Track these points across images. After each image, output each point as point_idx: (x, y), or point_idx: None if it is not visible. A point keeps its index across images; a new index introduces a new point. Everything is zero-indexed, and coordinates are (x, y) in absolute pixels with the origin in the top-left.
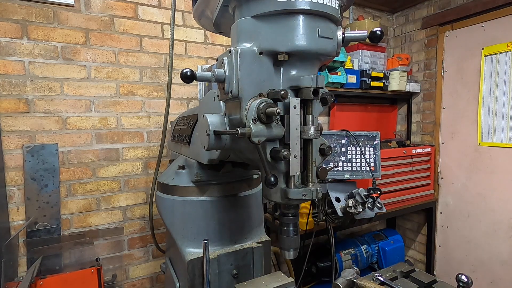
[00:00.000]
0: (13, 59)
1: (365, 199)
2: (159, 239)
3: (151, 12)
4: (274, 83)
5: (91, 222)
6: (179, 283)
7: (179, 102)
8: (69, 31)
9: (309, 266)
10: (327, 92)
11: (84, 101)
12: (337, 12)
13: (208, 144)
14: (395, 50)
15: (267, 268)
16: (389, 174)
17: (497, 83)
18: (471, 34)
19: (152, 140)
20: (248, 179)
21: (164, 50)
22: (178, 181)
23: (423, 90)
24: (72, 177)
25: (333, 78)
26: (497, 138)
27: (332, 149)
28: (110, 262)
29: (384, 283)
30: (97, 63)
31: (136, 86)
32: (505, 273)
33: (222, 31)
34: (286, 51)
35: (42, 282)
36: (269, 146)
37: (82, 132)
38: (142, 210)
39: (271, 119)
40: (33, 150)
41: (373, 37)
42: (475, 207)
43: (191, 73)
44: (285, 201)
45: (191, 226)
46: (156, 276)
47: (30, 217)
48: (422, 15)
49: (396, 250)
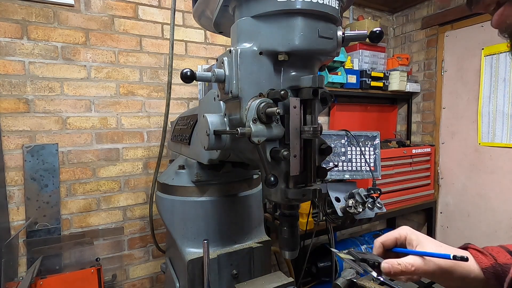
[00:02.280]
0: (13, 59)
1: (365, 199)
2: (159, 239)
3: (151, 12)
4: (274, 83)
5: (91, 222)
6: (179, 283)
7: (179, 102)
8: (69, 31)
9: (309, 266)
10: (327, 92)
11: (84, 101)
12: (337, 12)
13: (208, 144)
14: (395, 50)
15: (267, 268)
16: (389, 174)
17: (497, 83)
18: (471, 34)
19: (152, 140)
20: (248, 179)
21: (164, 50)
22: (178, 181)
23: (423, 90)
24: (72, 177)
25: (333, 78)
26: (497, 138)
27: (332, 149)
28: (110, 262)
29: (384, 283)
30: (97, 63)
31: (136, 86)
32: None
33: (222, 31)
34: (286, 51)
35: (42, 282)
36: (269, 146)
37: (82, 132)
38: (142, 210)
39: (271, 119)
40: (33, 150)
41: (373, 37)
42: (475, 207)
43: (191, 73)
44: (285, 201)
45: (191, 226)
46: (156, 276)
47: (30, 217)
48: (422, 15)
49: None
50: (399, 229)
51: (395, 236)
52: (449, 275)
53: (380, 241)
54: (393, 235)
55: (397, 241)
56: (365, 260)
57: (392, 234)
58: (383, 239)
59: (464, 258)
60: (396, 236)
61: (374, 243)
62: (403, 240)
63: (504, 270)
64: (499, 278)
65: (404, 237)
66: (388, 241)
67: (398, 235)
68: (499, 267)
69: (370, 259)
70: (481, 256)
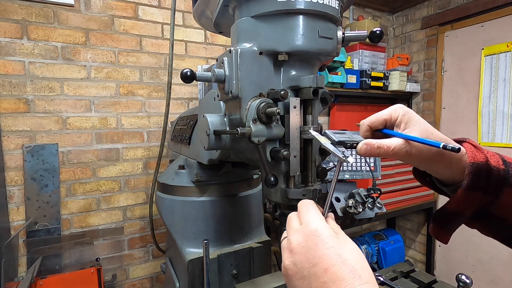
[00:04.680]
0: (13, 59)
1: (365, 199)
2: (159, 239)
3: (151, 12)
4: (274, 83)
5: (91, 222)
6: (179, 283)
7: (179, 102)
8: (69, 31)
9: None
10: (327, 92)
11: (84, 101)
12: (337, 12)
13: (208, 144)
14: (395, 50)
15: (267, 268)
16: (389, 174)
17: (497, 83)
18: (471, 34)
19: (152, 140)
20: (248, 179)
21: (164, 50)
22: (178, 181)
23: (423, 90)
24: (72, 177)
25: (333, 78)
26: (497, 138)
27: None
28: (110, 262)
29: (384, 283)
30: (97, 63)
31: (136, 86)
32: (505, 273)
33: (222, 31)
34: (286, 51)
35: (42, 282)
36: (269, 146)
37: (82, 132)
38: (142, 210)
39: (271, 119)
40: (33, 150)
41: (373, 37)
42: None
43: (191, 73)
44: (285, 201)
45: (191, 226)
46: (156, 276)
47: (30, 217)
48: (422, 15)
49: (396, 250)
50: (392, 108)
51: (384, 118)
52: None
53: (366, 123)
54: (383, 116)
55: (386, 122)
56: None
57: (381, 115)
58: (370, 120)
59: (455, 149)
60: (385, 118)
61: (360, 124)
62: (394, 121)
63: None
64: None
65: (396, 118)
66: (376, 123)
67: (389, 116)
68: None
69: (348, 141)
70: (475, 150)
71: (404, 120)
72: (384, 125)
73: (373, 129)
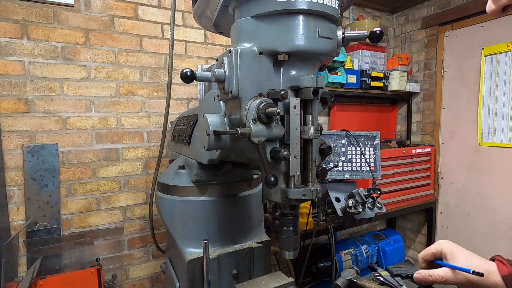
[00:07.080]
0: (13, 59)
1: (365, 199)
2: (159, 239)
3: (151, 12)
4: (274, 83)
5: (91, 222)
6: (179, 283)
7: (179, 102)
8: (69, 31)
9: (309, 266)
10: (327, 92)
11: (84, 101)
12: (337, 12)
13: (208, 144)
14: (395, 50)
15: (267, 268)
16: (389, 174)
17: (497, 83)
18: (471, 34)
19: (152, 140)
20: (248, 179)
21: (164, 50)
22: (178, 181)
23: (423, 90)
24: (72, 177)
25: (333, 78)
26: (497, 138)
27: (332, 149)
28: (110, 262)
29: (384, 283)
30: (97, 63)
31: (136, 86)
32: None
33: (222, 31)
34: (286, 51)
35: (42, 282)
36: (269, 146)
37: (82, 132)
38: (142, 210)
39: (271, 119)
40: (33, 150)
41: (373, 37)
42: (475, 207)
43: (191, 73)
44: (285, 201)
45: (191, 226)
46: (156, 276)
47: (30, 217)
48: (422, 15)
49: (396, 250)
50: (436, 244)
51: (432, 252)
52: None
53: (421, 256)
54: (431, 250)
55: (435, 255)
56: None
57: (429, 250)
58: (423, 255)
59: (480, 274)
60: (432, 251)
61: (418, 257)
62: (440, 252)
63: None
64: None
65: (440, 251)
66: (427, 256)
67: (435, 250)
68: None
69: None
70: (501, 266)
71: (448, 251)
72: (434, 257)
73: (427, 261)
